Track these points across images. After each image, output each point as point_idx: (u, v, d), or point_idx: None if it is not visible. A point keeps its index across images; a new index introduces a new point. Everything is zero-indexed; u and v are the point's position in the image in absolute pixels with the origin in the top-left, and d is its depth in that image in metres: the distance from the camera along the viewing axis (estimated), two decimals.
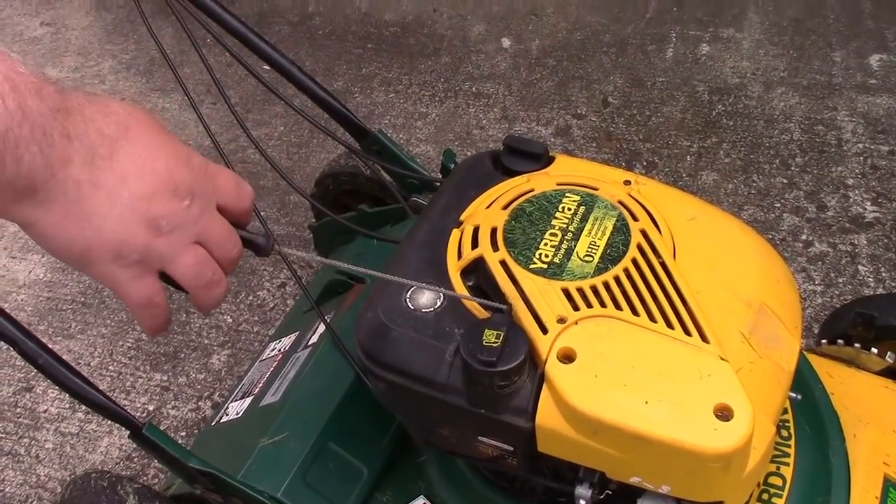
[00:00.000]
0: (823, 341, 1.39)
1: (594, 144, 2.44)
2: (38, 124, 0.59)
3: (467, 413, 0.85)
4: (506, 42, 2.85)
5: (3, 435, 1.90)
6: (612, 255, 0.91)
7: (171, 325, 0.80)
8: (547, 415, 0.82)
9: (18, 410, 1.95)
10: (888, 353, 1.29)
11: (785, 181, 2.26)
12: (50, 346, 0.99)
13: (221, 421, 1.44)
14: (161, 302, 0.72)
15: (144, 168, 0.66)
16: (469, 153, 2.44)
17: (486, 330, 0.82)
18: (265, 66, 1.40)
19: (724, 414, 0.78)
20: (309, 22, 3.03)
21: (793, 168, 2.29)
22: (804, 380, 1.17)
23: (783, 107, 2.49)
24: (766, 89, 2.56)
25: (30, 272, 2.25)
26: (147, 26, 1.26)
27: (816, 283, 2.00)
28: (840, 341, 1.35)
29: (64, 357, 1.00)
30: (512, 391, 0.82)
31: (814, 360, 1.25)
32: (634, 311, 0.86)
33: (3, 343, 0.95)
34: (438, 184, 1.49)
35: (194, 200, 0.69)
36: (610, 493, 0.92)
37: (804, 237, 2.11)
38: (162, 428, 1.88)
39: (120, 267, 0.67)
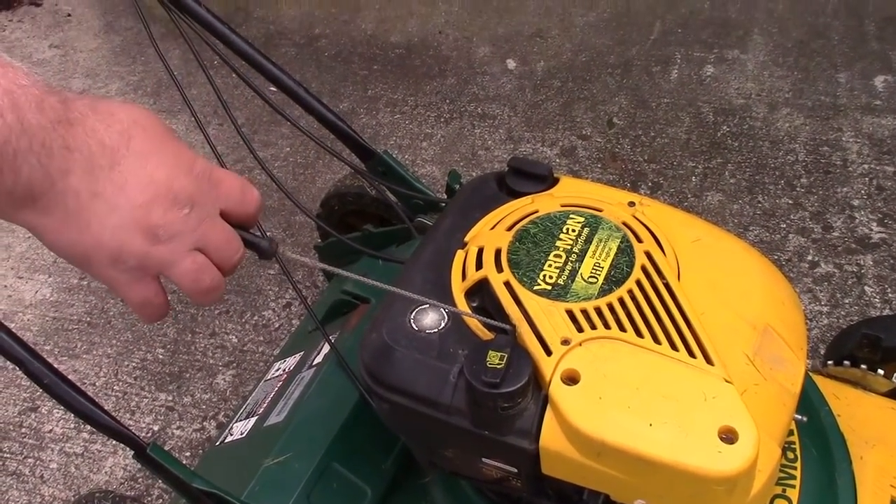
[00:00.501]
0: (829, 362, 1.39)
1: (599, 165, 2.44)
2: (37, 137, 0.60)
3: (471, 435, 0.85)
4: (511, 63, 2.87)
5: (9, 455, 1.90)
6: (616, 277, 0.91)
7: (169, 313, 0.81)
8: (551, 437, 0.82)
9: (24, 430, 1.95)
10: (895, 375, 1.28)
11: (790, 202, 2.26)
12: (55, 365, 0.99)
13: (226, 441, 1.44)
14: (159, 302, 0.73)
15: (144, 177, 0.67)
16: (474, 174, 2.44)
17: (490, 351, 0.82)
18: (272, 88, 1.41)
19: (728, 436, 0.78)
20: (315, 44, 3.05)
21: (798, 189, 2.30)
22: (810, 401, 1.17)
23: (788, 128, 2.49)
24: (771, 110, 2.57)
25: (36, 292, 2.26)
26: (155, 47, 1.27)
27: (822, 303, 2.00)
28: (846, 362, 1.35)
29: (69, 377, 1.00)
30: (516, 413, 0.82)
31: (820, 381, 1.25)
32: (639, 333, 0.86)
33: (9, 363, 0.96)
34: (443, 204, 1.49)
35: (194, 208, 0.70)
36: None
37: (810, 258, 2.11)
38: (166, 448, 1.88)
39: (118, 271, 0.68)
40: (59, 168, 0.62)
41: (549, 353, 0.84)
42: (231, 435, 1.44)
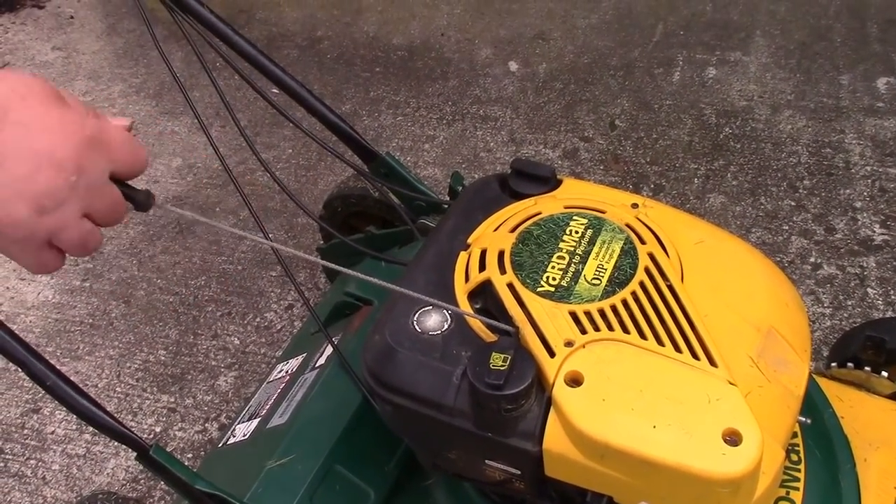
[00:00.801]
0: (833, 364, 1.39)
1: (601, 167, 2.44)
2: None
3: (474, 436, 0.85)
4: (513, 65, 2.87)
5: (11, 456, 1.90)
6: (619, 279, 0.91)
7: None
8: (554, 439, 0.81)
9: (26, 432, 1.95)
10: None
11: (793, 204, 2.26)
12: (58, 367, 0.99)
13: (228, 443, 1.44)
14: (56, 265, 0.72)
15: (24, 149, 0.65)
16: (476, 176, 2.44)
17: (494, 353, 0.81)
18: (274, 90, 1.41)
19: (732, 438, 0.78)
20: (317, 46, 3.05)
21: (801, 191, 2.29)
22: (814, 403, 1.17)
23: (790, 130, 2.49)
24: (774, 112, 2.56)
25: (38, 294, 2.26)
26: (158, 49, 1.27)
27: (825, 305, 1.99)
28: (850, 365, 1.34)
29: (71, 378, 1.00)
30: (519, 415, 0.82)
31: (823, 383, 1.25)
32: (642, 335, 0.86)
33: (11, 364, 0.96)
34: (446, 206, 1.49)
35: (82, 176, 0.68)
36: None
37: (812, 260, 2.11)
38: (168, 450, 1.87)
39: (7, 243, 0.67)
40: None
41: (552, 354, 0.84)
42: (234, 437, 1.44)
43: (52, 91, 0.67)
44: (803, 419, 0.97)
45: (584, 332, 0.86)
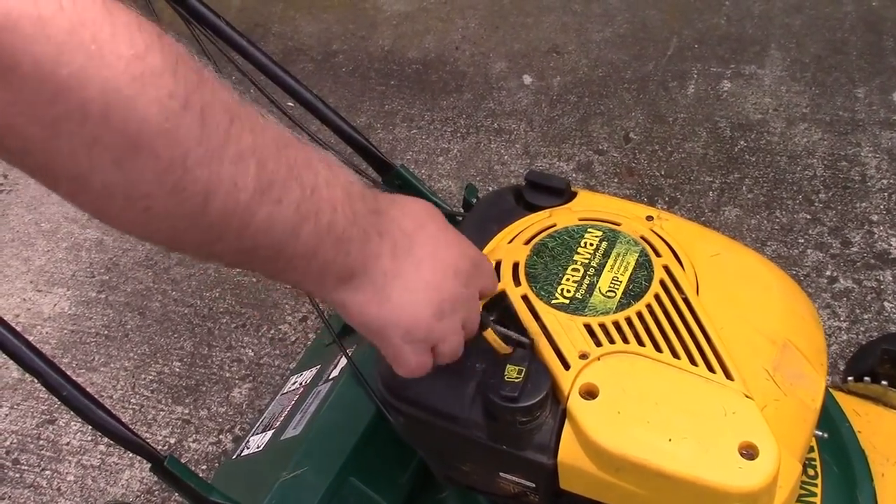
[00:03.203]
0: (850, 378, 1.38)
1: (616, 180, 2.44)
2: (361, 225, 0.68)
3: (488, 449, 0.85)
4: (527, 79, 2.87)
5: (26, 467, 1.91)
6: (634, 291, 0.91)
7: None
8: (569, 451, 0.81)
9: (41, 442, 1.96)
10: None
11: (808, 217, 2.25)
12: (73, 378, 1.00)
13: (242, 454, 1.44)
14: (428, 367, 0.81)
15: (435, 259, 0.76)
16: (491, 188, 2.44)
17: (508, 365, 0.81)
18: (289, 103, 1.41)
19: (749, 452, 0.77)
20: (332, 59, 3.06)
21: (816, 204, 2.28)
22: (830, 418, 1.16)
23: (806, 143, 2.48)
24: (789, 125, 2.56)
25: (55, 305, 2.28)
26: None
27: (841, 319, 1.98)
28: (867, 378, 1.33)
29: (87, 390, 1.00)
30: (534, 427, 0.82)
31: (840, 397, 1.24)
32: (657, 348, 0.85)
33: (27, 375, 0.96)
34: (460, 218, 1.49)
35: (468, 287, 0.79)
36: None
37: (828, 273, 2.09)
38: (183, 461, 1.88)
39: (405, 342, 0.76)
40: (373, 252, 0.71)
41: (567, 367, 0.84)
42: (248, 448, 1.44)
43: (443, 217, 0.80)
44: (820, 433, 0.96)
45: (598, 344, 0.86)
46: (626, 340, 0.86)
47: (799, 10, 2.96)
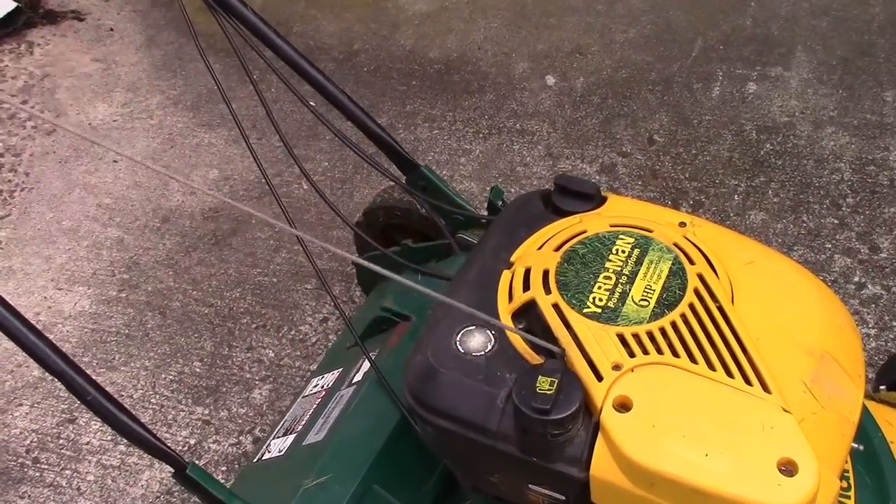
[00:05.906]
0: (882, 387, 1.35)
1: (639, 182, 2.41)
2: None
3: (518, 461, 0.83)
4: (550, 80, 2.85)
5: (46, 466, 1.91)
6: (668, 300, 0.88)
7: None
8: (602, 465, 0.79)
9: (61, 442, 1.96)
10: None
11: (836, 222, 2.21)
12: (93, 377, 0.99)
13: (263, 458, 1.43)
14: None
15: None
16: (513, 190, 2.42)
17: (540, 376, 0.80)
18: (312, 103, 1.40)
19: (788, 468, 0.75)
20: (354, 59, 3.05)
21: (844, 208, 2.25)
22: (863, 428, 1.13)
23: (833, 146, 2.45)
24: (816, 128, 2.52)
25: (75, 304, 2.27)
26: (202, 56, 1.27)
27: (870, 326, 1.95)
28: None
29: (107, 389, 0.99)
30: (566, 440, 0.80)
31: (872, 407, 1.21)
32: (692, 359, 0.83)
33: (47, 374, 0.95)
34: (484, 221, 1.48)
35: None
36: None
37: (856, 279, 2.06)
38: (202, 462, 1.87)
39: None
40: None
41: (599, 378, 0.82)
42: (269, 452, 1.42)
43: None
44: (856, 445, 0.94)
45: (632, 355, 0.84)
46: (660, 351, 0.84)
47: (826, 12, 2.92)
